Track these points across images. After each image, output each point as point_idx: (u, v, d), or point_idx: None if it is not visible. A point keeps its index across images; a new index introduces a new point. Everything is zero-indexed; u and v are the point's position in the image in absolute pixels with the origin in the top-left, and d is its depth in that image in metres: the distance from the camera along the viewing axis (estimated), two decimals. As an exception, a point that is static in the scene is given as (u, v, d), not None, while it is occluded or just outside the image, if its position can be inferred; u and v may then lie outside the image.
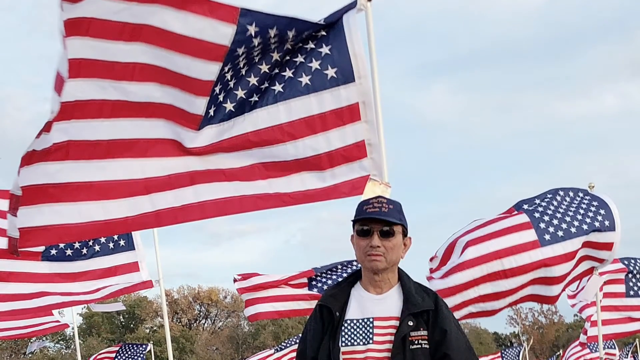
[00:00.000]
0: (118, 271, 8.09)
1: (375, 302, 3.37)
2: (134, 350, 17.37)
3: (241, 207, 4.20)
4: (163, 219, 4.08)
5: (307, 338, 3.44)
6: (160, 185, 4.07)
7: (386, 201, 3.42)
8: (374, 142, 4.31)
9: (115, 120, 3.91)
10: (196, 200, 4.11)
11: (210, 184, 4.16)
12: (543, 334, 62.75)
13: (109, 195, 3.97)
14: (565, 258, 6.84)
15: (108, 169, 3.95)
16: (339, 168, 4.29)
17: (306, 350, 3.41)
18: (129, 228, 4.16)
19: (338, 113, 4.27)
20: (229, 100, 4.17)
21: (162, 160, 4.09)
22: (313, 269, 10.51)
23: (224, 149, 4.18)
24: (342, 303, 3.39)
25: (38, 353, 50.60)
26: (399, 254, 3.40)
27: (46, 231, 3.86)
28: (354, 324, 3.33)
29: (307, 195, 4.29)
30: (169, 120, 4.05)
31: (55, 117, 3.71)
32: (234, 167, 4.20)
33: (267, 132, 4.22)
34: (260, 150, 4.23)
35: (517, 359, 20.20)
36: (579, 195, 7.40)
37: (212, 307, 68.12)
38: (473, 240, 6.91)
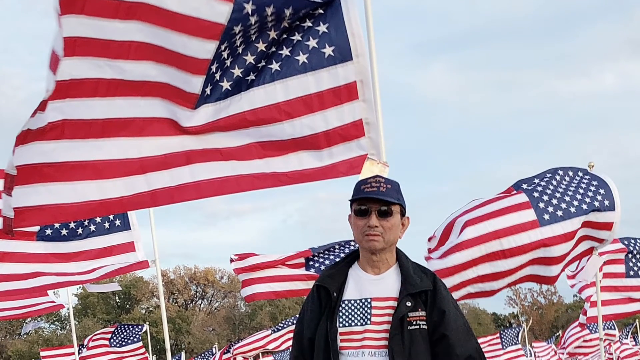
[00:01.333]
0: (114, 251, 8.06)
1: (373, 283, 3.35)
2: (129, 330, 17.41)
3: (238, 186, 4.17)
4: (159, 199, 4.05)
5: (304, 319, 3.42)
6: (156, 164, 4.05)
7: (384, 181, 3.40)
8: (371, 121, 4.28)
9: (110, 99, 3.88)
10: (192, 180, 4.09)
11: (206, 163, 4.13)
12: (542, 315, 63.11)
13: (105, 174, 3.94)
14: (565, 238, 6.82)
15: (103, 148, 3.93)
16: (336, 147, 4.26)
17: (303, 330, 3.40)
18: (124, 208, 4.14)
19: (335, 92, 4.25)
20: (226, 79, 4.13)
21: (158, 139, 4.06)
22: (310, 249, 10.51)
23: (220, 128, 4.15)
24: (340, 283, 3.37)
25: (33, 334, 50.80)
26: (397, 234, 3.38)
27: (41, 211, 3.84)
28: (352, 305, 3.31)
29: (305, 174, 4.27)
30: (165, 99, 4.02)
31: (51, 95, 3.68)
32: (231, 146, 4.17)
33: (264, 111, 4.18)
34: (257, 129, 4.20)
35: (516, 340, 20.26)
36: (578, 174, 7.37)
37: (208, 287, 68.34)
38: (472, 220, 6.89)
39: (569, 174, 7.37)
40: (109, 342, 16.91)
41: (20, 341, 51.83)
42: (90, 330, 40.00)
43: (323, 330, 3.29)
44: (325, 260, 10.27)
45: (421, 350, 3.23)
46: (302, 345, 3.39)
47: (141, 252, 8.27)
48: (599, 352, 12.15)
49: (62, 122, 3.77)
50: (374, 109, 4.28)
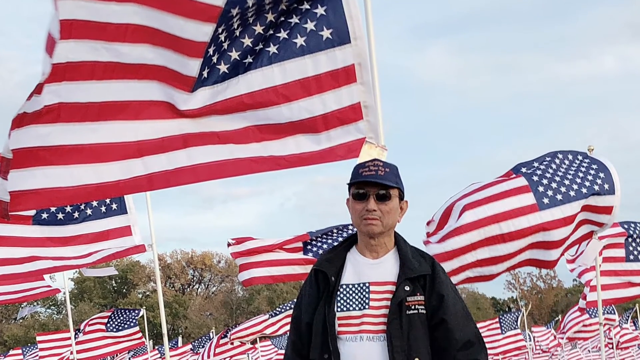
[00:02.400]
0: (110, 235, 8.04)
1: (371, 267, 3.34)
2: (126, 315, 17.43)
3: (235, 170, 4.15)
4: (156, 183, 4.04)
5: (302, 303, 3.41)
6: (153, 148, 4.03)
7: (382, 164, 3.39)
8: (370, 104, 4.26)
9: (107, 82, 3.87)
10: (189, 163, 4.07)
11: (203, 146, 4.11)
12: (541, 299, 63.35)
13: (101, 158, 3.93)
14: (564, 222, 6.80)
15: (100, 131, 3.91)
16: (334, 130, 4.24)
17: (301, 315, 3.38)
18: (121, 191, 4.13)
19: (333, 75, 4.22)
20: (223, 62, 4.11)
21: (155, 122, 4.04)
22: (308, 233, 10.50)
23: (217, 111, 4.13)
24: (338, 267, 3.35)
25: (29, 318, 50.91)
26: (395, 218, 3.36)
27: (37, 195, 3.83)
28: (350, 289, 3.30)
29: (302, 158, 4.24)
30: (162, 82, 4.01)
31: (47, 78, 3.66)
32: (228, 130, 4.15)
33: (262, 94, 4.16)
34: (254, 113, 4.17)
35: (515, 325, 20.32)
36: (578, 158, 7.34)
37: (205, 271, 68.47)
38: (470, 204, 6.87)
39: (568, 157, 7.32)
40: (106, 326, 16.94)
41: (16, 326, 51.97)
42: (86, 314, 40.08)
43: (321, 314, 3.28)
44: (323, 244, 10.27)
45: (420, 335, 3.21)
46: (300, 329, 3.37)
47: (138, 236, 8.26)
48: (599, 336, 12.18)
49: (59, 105, 3.75)
50: (372, 92, 4.26)
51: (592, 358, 30.12)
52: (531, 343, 25.80)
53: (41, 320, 54.53)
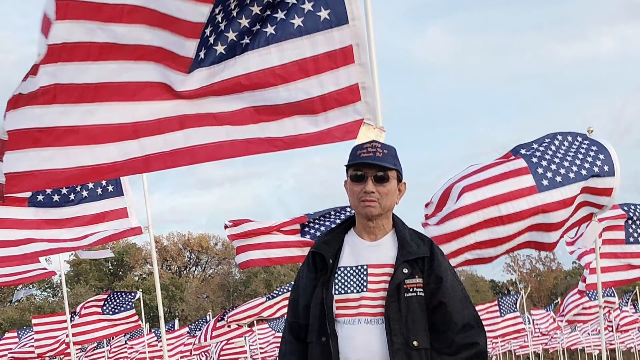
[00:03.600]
0: (106, 217, 8.02)
1: (369, 249, 3.32)
2: (122, 298, 17.43)
3: (232, 151, 4.13)
4: (152, 164, 4.03)
5: (299, 286, 3.39)
6: (150, 129, 4.02)
7: (380, 146, 3.36)
8: (368, 85, 4.23)
9: (103, 63, 3.85)
10: (186, 145, 4.06)
11: (200, 128, 4.10)
12: (541, 282, 63.53)
13: (97, 139, 3.92)
14: (564, 204, 6.75)
15: (96, 112, 3.90)
16: (332, 112, 4.22)
17: (299, 298, 3.36)
18: (117, 173, 4.13)
19: (331, 55, 4.19)
20: (220, 43, 4.09)
21: (152, 103, 4.03)
22: (305, 215, 10.47)
23: (214, 93, 4.12)
24: (336, 250, 3.33)
25: (25, 301, 50.96)
26: (393, 200, 3.34)
27: (33, 176, 3.82)
28: (348, 271, 3.28)
29: (300, 139, 4.22)
30: (159, 63, 4.00)
31: (42, 59, 3.65)
32: (225, 111, 4.14)
33: (259, 75, 4.13)
34: (251, 94, 4.15)
35: (514, 307, 20.38)
36: (577, 139, 7.28)
37: (202, 254, 68.54)
38: (469, 185, 6.84)
39: (567, 139, 7.26)
40: (102, 309, 16.95)
41: (12, 308, 52.06)
42: (82, 297, 40.14)
43: (319, 297, 3.25)
44: (320, 226, 10.25)
45: (418, 318, 3.19)
46: (298, 312, 3.35)
47: (134, 218, 8.23)
48: (598, 319, 12.14)
49: (54, 86, 3.74)
50: (370, 73, 4.23)
51: (592, 341, 30.26)
52: (530, 326, 25.91)
53: (37, 303, 54.63)
